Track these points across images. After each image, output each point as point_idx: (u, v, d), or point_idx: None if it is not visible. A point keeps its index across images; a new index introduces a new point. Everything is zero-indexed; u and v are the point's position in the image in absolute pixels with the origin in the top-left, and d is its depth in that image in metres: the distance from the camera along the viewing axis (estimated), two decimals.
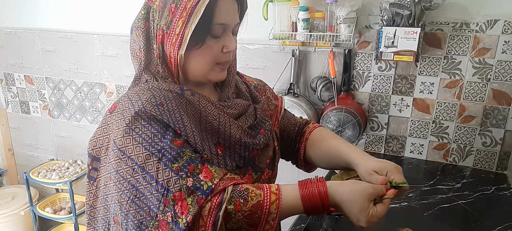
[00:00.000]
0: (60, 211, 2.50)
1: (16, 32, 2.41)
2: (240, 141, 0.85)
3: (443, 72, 1.61)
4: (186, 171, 0.73)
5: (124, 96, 0.81)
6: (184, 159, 0.74)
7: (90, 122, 2.44)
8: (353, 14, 1.59)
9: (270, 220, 0.75)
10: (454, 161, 1.71)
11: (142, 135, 0.74)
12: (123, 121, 0.76)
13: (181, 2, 0.76)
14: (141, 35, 0.80)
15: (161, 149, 0.74)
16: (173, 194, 0.72)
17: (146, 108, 0.75)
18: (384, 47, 1.55)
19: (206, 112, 0.82)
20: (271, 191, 0.77)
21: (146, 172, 0.74)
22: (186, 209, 0.71)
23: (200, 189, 0.72)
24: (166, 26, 0.77)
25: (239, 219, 0.74)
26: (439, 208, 1.33)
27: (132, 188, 0.75)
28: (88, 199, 0.84)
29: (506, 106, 1.57)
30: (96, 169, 0.82)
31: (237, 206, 0.74)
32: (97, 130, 0.82)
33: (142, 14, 0.80)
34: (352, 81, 1.75)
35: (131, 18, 0.84)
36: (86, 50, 2.26)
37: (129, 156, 0.74)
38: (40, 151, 2.69)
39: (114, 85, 2.28)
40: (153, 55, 0.81)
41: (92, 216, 0.85)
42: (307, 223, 1.23)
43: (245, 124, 0.89)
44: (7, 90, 2.63)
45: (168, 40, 0.78)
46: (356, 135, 1.70)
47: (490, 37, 1.51)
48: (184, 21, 0.76)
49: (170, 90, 0.79)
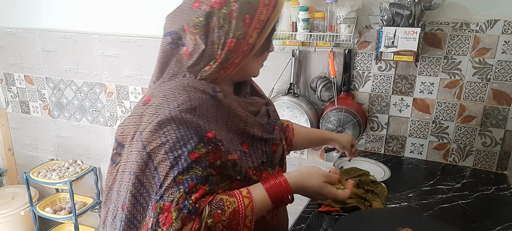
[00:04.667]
0: (60, 211, 2.50)
1: (16, 32, 2.41)
2: (262, 137, 0.91)
3: (443, 72, 1.61)
4: (185, 186, 0.76)
5: (159, 91, 0.83)
6: (190, 173, 0.76)
7: (90, 122, 2.44)
8: (353, 14, 1.59)
9: (248, 223, 0.80)
10: (454, 161, 1.71)
11: (168, 137, 0.77)
12: (155, 117, 0.78)
13: (255, 14, 0.82)
14: (200, 39, 0.82)
15: (177, 157, 0.76)
16: (164, 203, 0.74)
17: (181, 112, 0.78)
18: (384, 47, 1.55)
19: (235, 113, 0.86)
20: (243, 196, 0.81)
21: (157, 172, 0.76)
22: (169, 222, 0.74)
23: (187, 207, 0.75)
24: (242, 36, 0.82)
25: (219, 230, 0.77)
26: (439, 208, 1.33)
27: (138, 183, 0.77)
28: (108, 181, 0.87)
29: (506, 106, 1.57)
30: (119, 154, 0.85)
31: (216, 217, 0.77)
32: (128, 117, 0.85)
33: (200, 20, 0.82)
34: (352, 81, 1.75)
35: (131, 18, 0.85)
36: (86, 50, 2.26)
37: (149, 152, 0.77)
38: (40, 151, 2.69)
39: (114, 85, 2.28)
40: (207, 59, 0.83)
41: (109, 197, 0.88)
42: (307, 223, 1.23)
43: (262, 121, 0.96)
44: (7, 90, 2.63)
45: (239, 48, 0.83)
46: (356, 134, 1.70)
47: (490, 37, 1.51)
48: (258, 32, 0.83)
49: (204, 92, 0.82)
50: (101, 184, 2.59)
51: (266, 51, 0.91)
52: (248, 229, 0.80)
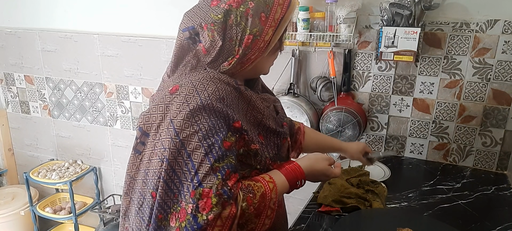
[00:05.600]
0: (60, 211, 2.50)
1: (16, 32, 2.41)
2: (275, 130, 0.96)
3: (443, 72, 1.61)
4: (223, 173, 0.80)
5: (187, 81, 0.85)
6: (225, 162, 0.81)
7: (90, 121, 2.44)
8: (353, 14, 1.59)
9: (272, 205, 0.87)
10: (454, 161, 1.71)
11: (200, 125, 0.80)
12: (186, 106, 0.81)
13: (271, 13, 0.87)
14: (217, 36, 0.85)
15: (211, 145, 0.80)
16: (203, 189, 0.78)
17: (212, 101, 0.81)
18: (384, 47, 1.55)
19: (254, 105, 0.91)
20: (267, 181, 0.89)
21: (190, 159, 0.79)
22: (209, 207, 0.78)
23: (226, 193, 0.80)
24: (258, 33, 0.87)
25: (251, 212, 0.84)
26: (439, 208, 1.34)
27: (170, 169, 0.80)
28: (130, 171, 0.89)
29: (506, 106, 1.57)
30: (143, 143, 0.87)
31: (248, 200, 0.83)
32: (152, 106, 0.87)
33: (218, 17, 0.85)
34: (352, 81, 1.75)
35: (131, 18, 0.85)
36: (86, 50, 2.26)
37: (182, 139, 0.80)
38: (40, 151, 2.69)
39: (114, 85, 2.28)
40: (225, 54, 0.87)
41: (131, 187, 0.90)
42: (307, 223, 1.23)
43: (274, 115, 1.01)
44: (7, 90, 2.63)
45: (255, 45, 0.87)
46: (356, 135, 1.70)
47: (490, 37, 1.51)
48: (273, 30, 0.88)
49: (228, 84, 0.86)
50: (101, 184, 2.59)
51: (278, 50, 0.96)
52: (272, 210, 0.88)
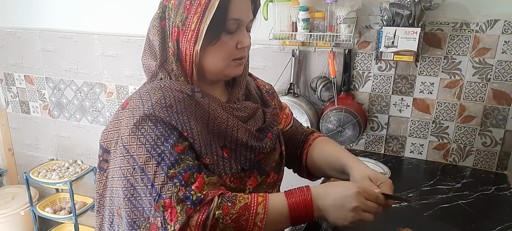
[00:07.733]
0: (60, 211, 2.50)
1: (16, 32, 2.41)
2: (247, 144, 0.87)
3: (443, 72, 1.61)
4: (180, 179, 0.75)
5: (136, 93, 0.82)
6: (181, 166, 0.76)
7: (90, 122, 2.44)
8: (353, 14, 1.59)
9: (258, 222, 0.76)
10: (454, 161, 1.71)
11: (147, 136, 0.76)
12: (131, 119, 0.78)
13: None
14: (157, 34, 0.82)
15: (161, 153, 0.76)
16: (164, 201, 0.74)
17: (155, 110, 0.77)
18: (384, 47, 1.55)
19: (214, 115, 0.83)
20: (258, 195, 0.79)
21: (144, 173, 0.76)
22: (175, 217, 0.73)
23: (190, 199, 0.74)
24: (181, 23, 0.79)
25: (227, 223, 0.75)
26: (439, 208, 1.33)
27: (130, 186, 0.77)
28: (98, 188, 0.87)
29: (506, 106, 1.57)
30: (106, 160, 0.85)
31: (224, 210, 0.75)
32: (109, 123, 0.84)
33: (157, 13, 0.82)
34: (352, 81, 1.75)
35: (131, 18, 0.85)
36: (86, 50, 2.26)
37: (132, 155, 0.77)
38: (40, 151, 2.69)
39: (114, 85, 2.28)
40: (168, 53, 0.83)
41: (101, 204, 0.87)
42: (307, 223, 1.23)
43: (253, 127, 0.91)
44: (7, 90, 2.63)
45: (183, 37, 0.79)
46: (356, 135, 1.70)
47: (490, 37, 1.51)
48: (199, 17, 0.77)
49: (181, 91, 0.81)
50: None
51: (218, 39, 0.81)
52: (258, 228, 0.75)
